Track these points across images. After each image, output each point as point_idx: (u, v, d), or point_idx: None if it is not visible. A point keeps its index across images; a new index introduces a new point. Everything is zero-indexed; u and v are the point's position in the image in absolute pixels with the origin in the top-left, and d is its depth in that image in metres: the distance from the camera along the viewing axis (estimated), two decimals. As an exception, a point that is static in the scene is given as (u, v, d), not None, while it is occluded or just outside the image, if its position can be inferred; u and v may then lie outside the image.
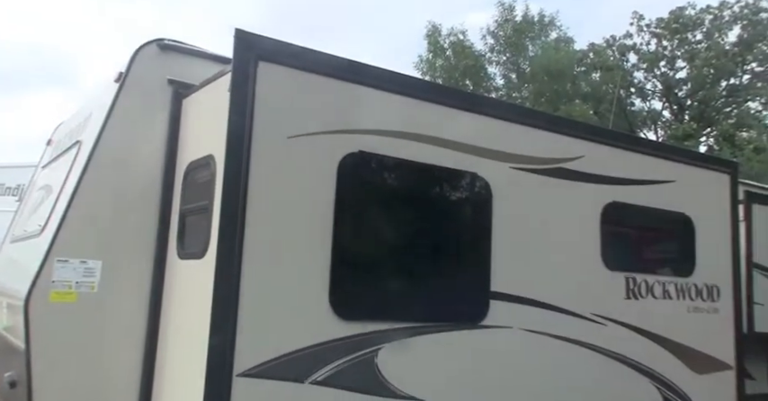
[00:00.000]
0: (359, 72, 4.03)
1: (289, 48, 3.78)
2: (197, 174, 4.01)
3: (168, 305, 4.06)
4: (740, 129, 23.90)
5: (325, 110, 3.89)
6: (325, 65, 3.90)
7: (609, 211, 5.04)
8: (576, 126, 5.46)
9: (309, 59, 3.84)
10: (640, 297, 5.14)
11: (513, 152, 4.63)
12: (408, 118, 4.21)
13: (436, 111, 4.35)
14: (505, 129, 4.66)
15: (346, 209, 3.82)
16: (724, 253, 5.89)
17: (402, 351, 3.89)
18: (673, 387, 5.16)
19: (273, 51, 3.70)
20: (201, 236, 3.67)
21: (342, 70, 3.96)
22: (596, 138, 5.18)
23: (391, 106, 4.17)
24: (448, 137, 4.32)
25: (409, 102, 4.24)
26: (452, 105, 4.44)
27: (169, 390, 3.88)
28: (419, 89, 4.43)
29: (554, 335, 4.57)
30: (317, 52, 3.89)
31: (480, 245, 4.39)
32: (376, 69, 4.12)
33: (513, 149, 4.62)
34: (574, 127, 5.29)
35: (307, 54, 3.84)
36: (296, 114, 3.77)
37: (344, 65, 3.98)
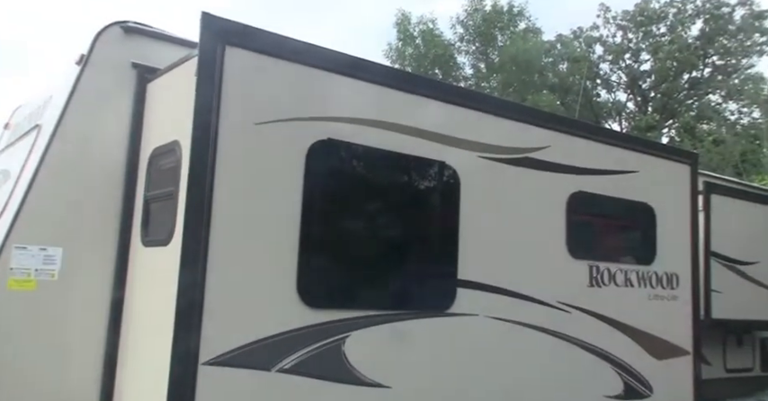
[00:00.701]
0: (328, 59, 3.99)
1: (257, 33, 3.72)
2: (162, 160, 3.93)
3: (132, 293, 3.99)
4: (701, 122, 24.48)
5: (293, 96, 3.85)
6: (294, 51, 3.85)
7: (574, 201, 5.12)
8: (543, 116, 5.52)
9: (278, 45, 3.79)
10: (603, 285, 5.24)
11: (481, 141, 4.65)
12: (378, 106, 4.20)
13: (405, 99, 4.35)
14: (474, 118, 4.68)
15: (314, 197, 3.80)
16: (683, 242, 6.04)
17: (369, 338, 3.90)
18: (633, 373, 5.29)
19: (241, 36, 3.64)
20: (166, 223, 3.61)
21: (311, 56, 3.91)
22: (562, 128, 5.24)
23: (361, 94, 4.15)
24: (417, 125, 4.32)
25: (379, 89, 4.22)
26: (422, 94, 4.44)
27: (133, 381, 3.83)
28: (389, 77, 4.42)
29: (519, 323, 4.63)
30: (286, 38, 3.84)
31: (448, 233, 4.42)
32: (345, 56, 4.09)
33: (480, 138, 4.65)
34: (541, 117, 5.35)
35: (275, 39, 3.79)
36: (264, 100, 3.72)
37: (314, 51, 3.94)
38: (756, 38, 24.24)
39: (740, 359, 7.48)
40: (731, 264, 7.16)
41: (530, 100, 21.59)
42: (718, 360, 7.18)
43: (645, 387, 5.36)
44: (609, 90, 27.42)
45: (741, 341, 7.54)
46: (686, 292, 5.94)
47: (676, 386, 5.67)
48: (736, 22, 24.32)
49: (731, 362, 7.34)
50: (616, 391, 5.17)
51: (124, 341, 3.97)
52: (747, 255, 7.34)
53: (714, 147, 19.16)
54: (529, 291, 4.72)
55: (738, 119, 24.53)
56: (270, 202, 3.67)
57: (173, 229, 3.52)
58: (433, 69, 25.10)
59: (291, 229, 3.68)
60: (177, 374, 3.24)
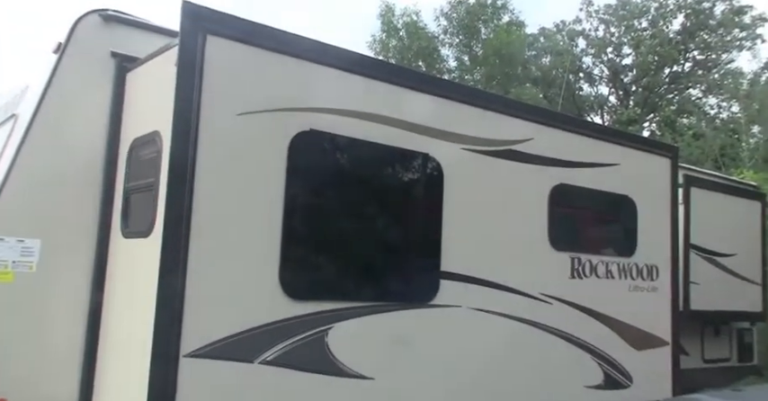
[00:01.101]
0: (311, 49, 3.96)
1: (239, 22, 3.68)
2: (142, 151, 3.88)
3: (112, 285, 3.95)
4: (681, 116, 24.70)
5: (276, 87, 3.81)
6: (277, 41, 3.81)
7: (556, 193, 5.15)
8: (527, 109, 5.53)
9: (260, 34, 3.75)
10: (585, 276, 5.29)
11: (465, 133, 4.66)
12: (361, 97, 4.18)
13: (389, 90, 4.33)
14: (457, 110, 4.68)
15: (297, 189, 3.77)
16: (664, 235, 6.10)
17: (352, 330, 3.90)
18: (613, 363, 5.35)
19: (223, 25, 3.59)
20: (147, 214, 3.57)
21: (294, 47, 3.88)
22: (545, 121, 5.26)
23: (344, 85, 4.12)
24: (400, 117, 4.31)
25: (362, 81, 4.20)
26: (405, 85, 4.43)
27: (113, 374, 3.79)
28: (372, 68, 4.39)
29: (502, 314, 4.66)
30: (268, 27, 3.80)
31: (431, 225, 4.42)
32: (329, 47, 4.06)
33: (464, 130, 4.65)
34: (524, 109, 5.36)
35: (258, 29, 3.75)
36: (246, 91, 3.69)
37: (296, 41, 3.91)
38: (736, 33, 24.49)
39: (717, 349, 7.60)
40: (709, 256, 7.25)
41: (513, 93, 21.64)
42: (696, 350, 7.29)
43: (625, 377, 5.42)
44: (591, 84, 27.57)
45: (718, 331, 7.65)
46: (666, 284, 6.01)
47: (655, 376, 5.74)
48: (717, 18, 24.55)
49: (709, 353, 7.45)
50: (596, 381, 5.23)
51: (104, 333, 3.92)
52: (725, 248, 7.44)
53: (694, 140, 19.35)
54: (511, 283, 4.75)
55: (718, 113, 24.82)
56: (252, 193, 3.64)
57: (153, 221, 3.48)
58: (417, 61, 25.05)
59: (274, 221, 3.66)
60: (158, 366, 3.22)
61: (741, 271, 7.60)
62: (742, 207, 7.86)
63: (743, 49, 24.40)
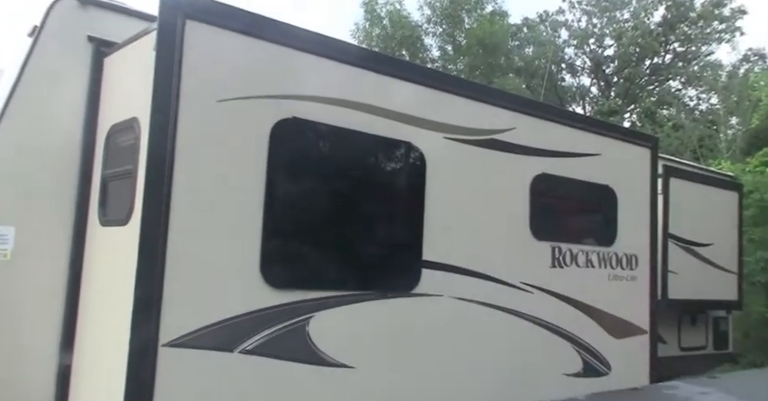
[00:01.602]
0: (293, 36, 3.91)
1: (219, 7, 3.62)
2: (120, 138, 3.82)
3: (89, 274, 3.89)
4: (661, 107, 24.92)
5: (257, 73, 3.77)
6: (259, 27, 3.76)
7: (538, 183, 5.16)
8: (510, 98, 5.53)
9: (242, 20, 3.69)
10: (565, 265, 5.32)
11: (448, 122, 4.64)
12: (344, 85, 4.14)
13: (372, 79, 4.30)
14: (440, 99, 4.66)
15: (278, 177, 3.74)
16: (643, 225, 6.16)
17: (334, 319, 3.89)
18: (592, 351, 5.41)
19: (203, 10, 3.53)
20: (125, 202, 3.51)
21: (275, 33, 3.83)
22: (528, 111, 5.26)
23: (327, 72, 4.08)
24: (383, 105, 4.28)
25: (345, 68, 4.16)
26: (389, 74, 4.40)
27: (90, 364, 3.75)
28: (355, 56, 4.35)
29: (483, 303, 4.68)
30: (249, 13, 3.74)
31: (413, 214, 4.41)
32: (311, 34, 4.01)
33: (447, 119, 4.64)
34: (507, 99, 5.35)
35: (239, 14, 3.68)
36: (226, 77, 3.63)
37: (278, 27, 3.86)
38: (716, 25, 24.69)
39: (694, 337, 7.71)
40: (687, 246, 7.33)
41: (496, 83, 21.64)
42: (673, 338, 7.38)
43: (603, 365, 5.49)
44: (573, 74, 27.67)
45: (695, 320, 7.76)
46: (644, 273, 6.08)
47: (633, 364, 5.82)
48: (697, 10, 24.73)
49: (685, 341, 7.56)
50: (576, 369, 5.28)
51: (81, 322, 3.87)
52: (702, 237, 7.53)
53: (673, 131, 19.54)
54: (493, 272, 4.77)
55: (697, 105, 25.08)
56: (232, 181, 3.60)
57: (131, 209, 3.43)
58: (400, 51, 24.93)
59: (255, 209, 3.62)
60: (136, 356, 3.19)
61: (718, 260, 7.70)
62: (719, 197, 7.95)
63: (722, 41, 24.63)
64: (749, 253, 9.90)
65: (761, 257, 10.19)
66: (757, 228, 10.67)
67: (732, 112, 19.16)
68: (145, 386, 3.18)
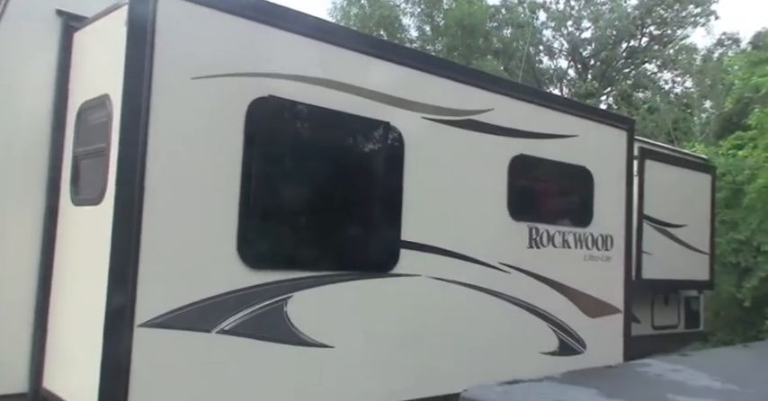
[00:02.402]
0: (270, 13, 3.83)
1: (193, -19, 3.52)
2: (91, 115, 3.73)
3: (62, 254, 3.82)
4: (637, 90, 25.15)
5: (233, 51, 3.69)
6: (234, 3, 3.68)
7: (516, 164, 5.17)
8: (488, 79, 5.51)
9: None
10: (542, 246, 5.36)
11: (426, 102, 4.62)
12: (322, 63, 4.08)
13: (350, 57, 4.25)
14: (419, 79, 4.63)
15: (255, 156, 3.69)
16: (618, 206, 6.22)
17: (312, 299, 3.88)
18: (568, 330, 5.48)
19: (176, -16, 3.43)
20: (98, 180, 3.44)
21: (252, 10, 3.75)
22: (506, 92, 5.25)
23: (304, 50, 4.02)
24: (361, 85, 4.24)
25: (323, 47, 4.10)
26: (367, 52, 4.35)
27: (65, 346, 3.69)
28: (333, 34, 4.28)
29: (461, 283, 4.70)
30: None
31: (392, 194, 4.40)
32: (288, 11, 3.94)
33: (425, 99, 4.61)
34: (485, 79, 5.34)
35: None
36: (201, 54, 3.56)
37: (254, 4, 3.78)
38: (691, 9, 24.90)
39: (666, 316, 7.86)
40: (661, 227, 7.45)
41: (474, 64, 21.59)
42: (647, 317, 7.52)
43: (579, 343, 5.57)
44: (551, 57, 27.75)
45: (667, 299, 7.91)
46: (619, 254, 6.15)
47: (607, 342, 5.91)
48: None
49: (658, 320, 7.71)
50: (552, 348, 5.36)
51: (55, 304, 3.81)
52: (676, 218, 7.65)
53: (649, 114, 19.74)
54: (471, 252, 4.78)
55: (672, 88, 25.35)
56: (208, 161, 3.54)
57: (104, 188, 3.36)
58: (378, 31, 24.73)
59: (231, 189, 3.57)
60: (112, 337, 3.15)
61: (691, 241, 7.83)
62: (693, 179, 8.07)
63: (697, 25, 24.86)
64: (721, 235, 10.09)
65: (732, 238, 10.38)
66: (729, 210, 10.85)
67: (706, 96, 19.41)
68: (121, 367, 3.14)
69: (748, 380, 3.53)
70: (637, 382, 3.46)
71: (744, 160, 11.23)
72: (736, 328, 10.90)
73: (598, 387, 3.06)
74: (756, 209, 10.37)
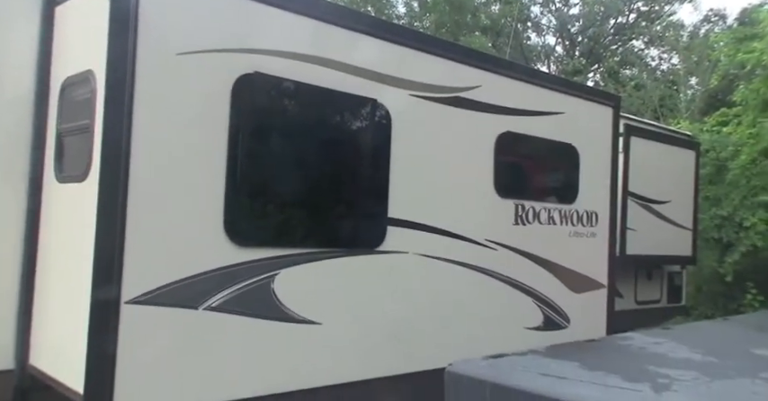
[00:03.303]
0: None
1: (176, -46, 3.46)
2: (75, 91, 3.68)
3: (47, 232, 3.80)
4: (624, 67, 25.17)
5: (218, 26, 3.65)
6: (218, -24, 3.62)
7: (502, 141, 5.18)
8: (475, 56, 5.48)
9: (200, -32, 3.54)
10: (528, 223, 5.41)
11: (413, 79, 4.60)
12: (308, 39, 4.04)
13: (337, 34, 4.21)
14: (406, 55, 4.60)
15: (241, 132, 3.67)
16: (604, 182, 6.27)
17: (299, 276, 3.90)
18: (552, 306, 5.56)
19: (159, -44, 3.37)
20: (82, 157, 3.41)
21: (236, -16, 3.69)
22: (493, 69, 5.24)
23: (290, 26, 3.97)
24: (348, 61, 4.21)
25: (309, 23, 4.06)
26: (354, 29, 4.30)
27: (51, 324, 3.69)
28: (320, 10, 4.22)
29: (448, 260, 4.74)
30: (208, -40, 3.59)
31: (379, 171, 4.40)
32: (274, -15, 3.88)
33: (413, 76, 4.59)
34: (473, 56, 5.31)
35: (197, -38, 3.53)
36: (185, 29, 3.51)
37: (239, -23, 3.72)
38: (679, -16, 24.88)
39: (649, 291, 8.00)
40: (646, 204, 7.53)
41: (462, 41, 21.47)
42: (630, 292, 7.65)
43: (563, 318, 5.66)
44: (539, 33, 27.63)
45: (651, 275, 8.04)
46: (604, 230, 6.22)
47: (591, 317, 6.01)
48: (662, -31, 24.81)
49: (641, 295, 7.84)
50: (536, 323, 5.44)
51: (40, 282, 3.80)
52: (660, 195, 7.74)
53: (635, 91, 19.81)
54: (457, 229, 4.82)
55: (659, 65, 25.42)
56: (193, 137, 3.51)
57: (89, 164, 3.33)
58: (366, 7, 24.46)
59: (217, 166, 3.56)
60: (98, 314, 3.15)
61: (674, 217, 7.94)
62: (677, 155, 8.14)
63: (684, 1, 24.81)
64: (704, 211, 10.23)
65: (715, 214, 10.53)
66: (712, 186, 10.99)
67: (692, 73, 19.47)
68: (108, 344, 3.15)
69: (727, 352, 3.61)
70: (619, 355, 3.52)
71: (728, 137, 11.34)
72: (718, 303, 11.12)
73: (581, 360, 3.12)
74: (739, 186, 10.52)
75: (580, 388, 2.62)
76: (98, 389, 3.13)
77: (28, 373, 3.78)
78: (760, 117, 10.28)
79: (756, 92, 10.28)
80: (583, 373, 2.91)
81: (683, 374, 2.95)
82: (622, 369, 3.00)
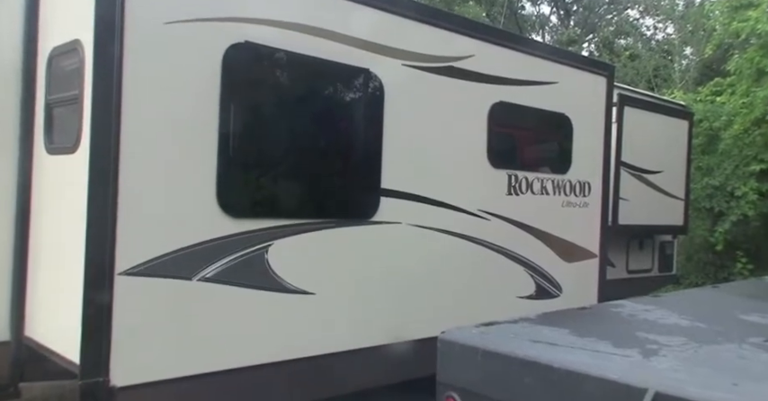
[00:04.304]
0: (244, -47, 3.70)
1: None
2: (63, 61, 3.63)
3: (39, 205, 3.79)
4: (619, 37, 24.94)
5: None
6: (206, -58, 3.54)
7: (495, 111, 5.16)
8: (469, 25, 5.42)
9: (187, -66, 3.46)
10: (521, 193, 5.42)
11: (406, 49, 4.55)
12: (299, 8, 3.99)
13: (329, 2, 4.16)
14: (399, 25, 4.55)
15: (232, 102, 3.64)
16: (597, 153, 6.28)
17: (293, 247, 3.91)
18: (544, 275, 5.62)
19: None
20: (72, 128, 3.38)
21: (225, -50, 3.62)
22: (487, 38, 5.19)
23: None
24: (340, 30, 4.16)
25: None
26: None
27: (46, 296, 3.71)
28: (311, -23, 4.16)
29: (441, 230, 4.76)
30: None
31: (372, 142, 4.39)
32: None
33: (405, 46, 4.54)
34: (466, 25, 5.25)
35: (184, -73, 3.45)
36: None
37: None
38: (676, -48, 24.53)
39: (641, 261, 8.07)
40: (638, 174, 7.54)
41: (456, 10, 21.19)
42: (622, 262, 7.71)
43: (555, 287, 5.72)
44: (533, 3, 27.29)
45: (642, 244, 8.09)
46: (596, 200, 6.25)
47: (583, 286, 6.08)
48: (658, -65, 24.41)
49: (633, 264, 7.90)
50: (528, 292, 5.50)
51: (34, 254, 3.80)
52: (653, 165, 7.74)
53: (630, 61, 19.68)
54: (450, 200, 4.83)
55: (654, 34, 25.19)
56: (184, 107, 3.48)
57: (79, 135, 3.31)
58: (357, -25, 24.11)
59: (209, 137, 3.54)
60: (92, 286, 3.16)
61: (667, 187, 7.96)
62: (671, 125, 8.13)
63: (681, -31, 24.46)
64: (696, 181, 10.28)
65: (707, 184, 10.59)
66: (705, 156, 11.02)
67: (687, 42, 19.32)
68: (102, 315, 3.17)
69: (716, 319, 3.67)
70: (609, 322, 3.57)
71: (721, 106, 11.32)
72: (708, 272, 11.25)
73: (571, 327, 3.16)
74: (731, 155, 10.55)
75: (570, 354, 2.66)
76: (94, 360, 3.16)
77: (24, 345, 3.81)
78: (753, 86, 10.24)
79: (750, 61, 10.23)
80: (573, 339, 2.95)
81: (672, 340, 3.00)
82: (612, 336, 3.05)
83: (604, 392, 2.31)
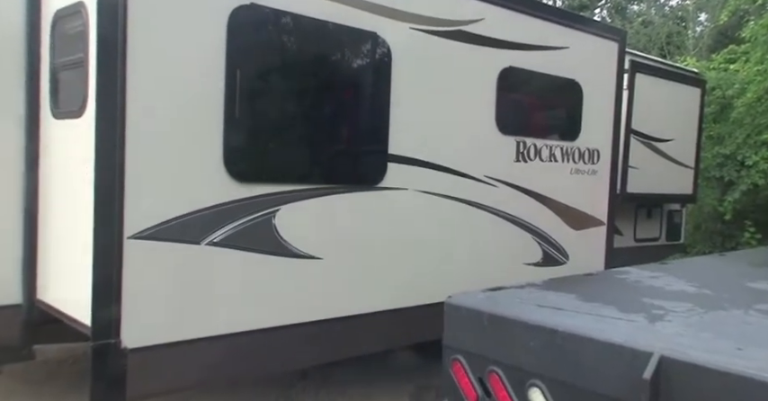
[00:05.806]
0: None
1: None
2: (67, 24, 3.59)
3: (47, 169, 3.80)
4: (631, 2, 24.44)
5: (210, -46, 3.51)
6: None
7: (504, 76, 5.10)
8: (478, -14, 5.30)
9: None
10: (529, 160, 5.38)
11: (414, 12, 4.47)
12: (305, -31, 3.91)
13: (335, -37, 4.06)
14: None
15: (239, 66, 3.60)
16: (607, 120, 6.20)
17: (300, 212, 3.92)
18: (552, 242, 5.61)
19: None
20: (78, 92, 3.36)
21: None
22: (497, 1, 5.08)
23: (286, -46, 3.83)
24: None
25: (306, -49, 3.90)
26: (352, -42, 4.15)
27: (56, 260, 3.74)
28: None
29: (448, 196, 4.75)
30: None
31: (379, 107, 4.35)
32: None
33: (413, 9, 4.46)
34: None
35: None
36: (177, -42, 3.38)
37: None
38: None
39: (649, 229, 8.05)
40: (648, 142, 7.47)
41: (465, -25, 20.80)
42: (629, 230, 7.69)
43: (562, 255, 5.72)
44: (545, -33, 26.77)
45: (650, 213, 8.06)
46: (605, 167, 6.20)
47: (590, 254, 6.07)
48: None
49: (640, 233, 7.89)
50: (535, 259, 5.50)
51: (43, 218, 3.83)
52: (664, 133, 7.66)
53: (643, 28, 19.33)
54: (458, 166, 4.80)
55: (667, 0, 24.71)
56: (190, 70, 3.45)
57: (85, 99, 3.30)
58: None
59: (215, 100, 3.51)
60: (102, 250, 3.18)
61: (676, 155, 7.88)
62: (683, 93, 8.01)
63: (698, -68, 23.79)
64: (706, 150, 10.17)
65: (717, 153, 10.48)
66: (716, 125, 10.88)
67: (701, 8, 18.92)
68: (112, 278, 3.20)
69: (723, 286, 3.67)
70: (615, 288, 3.58)
71: (735, 74, 11.12)
72: (716, 241, 11.22)
73: (577, 292, 3.18)
74: (744, 124, 10.40)
75: (575, 319, 2.68)
76: (105, 322, 3.20)
77: (36, 307, 3.86)
78: (768, 53, 10.04)
79: (766, 27, 10.00)
80: (579, 304, 2.97)
81: (678, 306, 3.01)
82: (618, 301, 3.06)
83: (609, 356, 2.32)
